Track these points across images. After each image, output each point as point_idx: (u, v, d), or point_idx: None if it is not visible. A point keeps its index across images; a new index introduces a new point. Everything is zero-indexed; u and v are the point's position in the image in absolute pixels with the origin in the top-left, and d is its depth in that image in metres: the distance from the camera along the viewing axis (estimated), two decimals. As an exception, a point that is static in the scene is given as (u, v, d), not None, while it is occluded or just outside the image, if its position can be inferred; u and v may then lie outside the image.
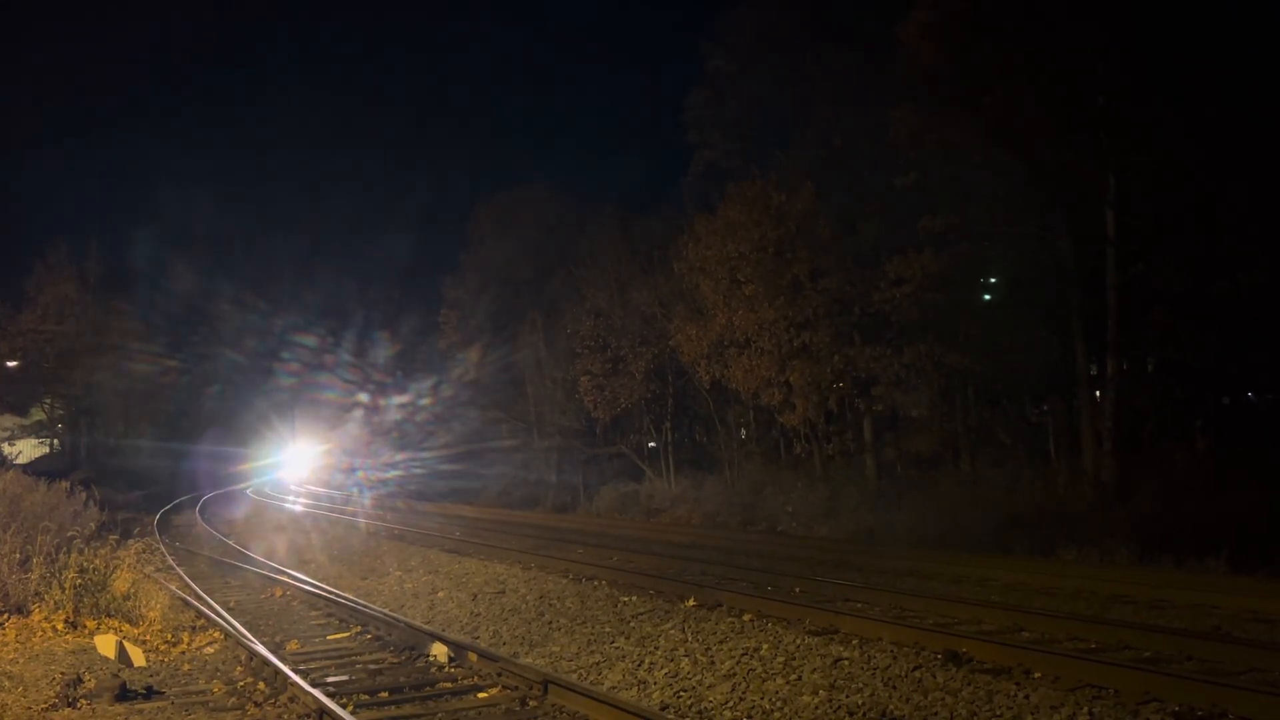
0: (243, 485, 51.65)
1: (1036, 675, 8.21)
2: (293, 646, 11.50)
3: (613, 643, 10.78)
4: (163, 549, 21.59)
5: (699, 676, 9.16)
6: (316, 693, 8.38)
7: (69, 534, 14.02)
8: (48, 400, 55.42)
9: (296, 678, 8.98)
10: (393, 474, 44.47)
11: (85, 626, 11.86)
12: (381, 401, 46.20)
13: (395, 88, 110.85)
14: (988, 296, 24.05)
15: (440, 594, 15.17)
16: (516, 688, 8.82)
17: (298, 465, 56.23)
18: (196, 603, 14.03)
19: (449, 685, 9.27)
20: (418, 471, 43.18)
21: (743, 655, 9.54)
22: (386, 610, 13.06)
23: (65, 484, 18.63)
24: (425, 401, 42.12)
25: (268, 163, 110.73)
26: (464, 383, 40.77)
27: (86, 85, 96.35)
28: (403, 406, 44.13)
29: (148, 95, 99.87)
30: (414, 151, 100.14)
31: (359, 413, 47.99)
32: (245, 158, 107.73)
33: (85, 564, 12.66)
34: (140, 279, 53.71)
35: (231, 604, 14.62)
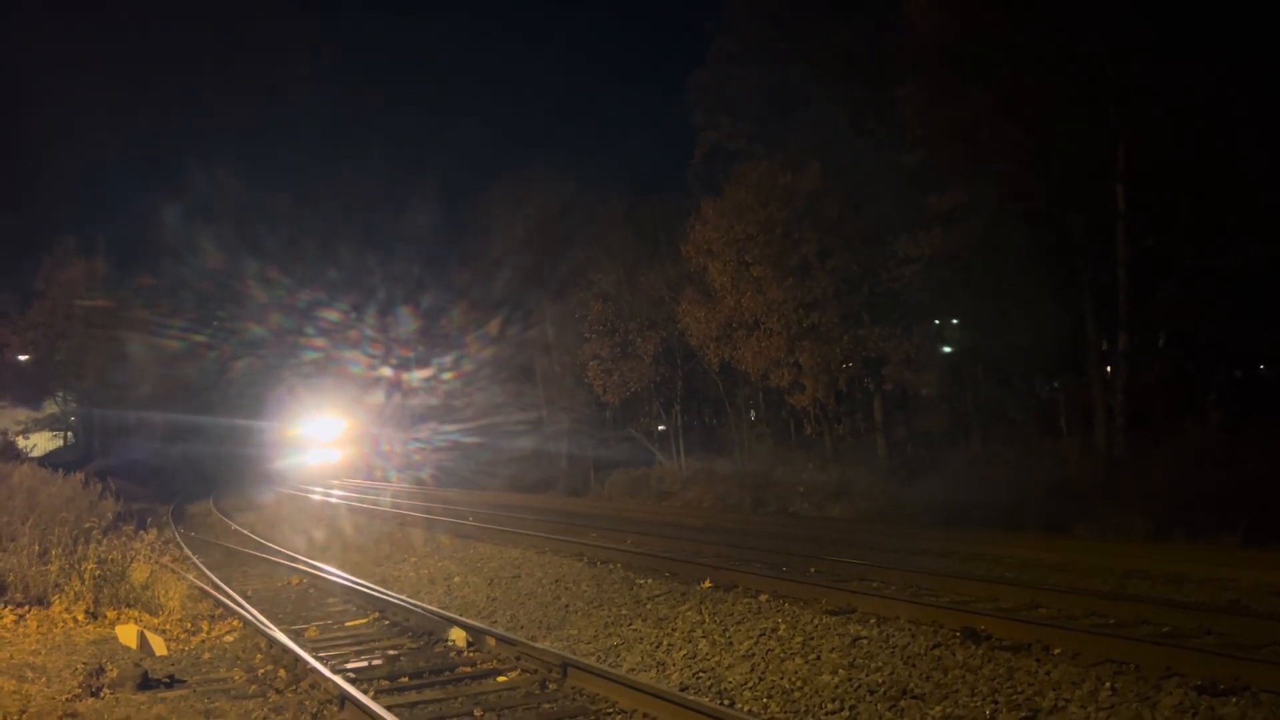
0: (259, 468, 51.60)
1: (1056, 651, 8.21)
2: (311, 633, 11.57)
3: (630, 625, 10.81)
4: (178, 539, 21.71)
5: (717, 657, 9.19)
6: (337, 679, 8.43)
7: (86, 525, 14.13)
8: (60, 393, 55.62)
9: (317, 664, 9.04)
10: (414, 446, 44.70)
11: (105, 617, 11.96)
12: (405, 375, 46.29)
13: (412, 69, 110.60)
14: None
15: (456, 579, 15.23)
16: (536, 671, 8.85)
17: (319, 442, 56.01)
18: (214, 592, 14.11)
19: (468, 669, 9.32)
20: (434, 453, 43.37)
21: (760, 636, 9.56)
22: (404, 596, 13.12)
23: (80, 476, 18.73)
24: (448, 376, 42.24)
25: (289, 141, 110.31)
26: (475, 368, 40.85)
27: (105, 61, 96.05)
28: (424, 382, 44.28)
29: (170, 73, 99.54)
30: (431, 132, 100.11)
31: (381, 389, 48.09)
32: (267, 136, 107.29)
33: (103, 555, 12.78)
34: (165, 254, 53.71)
35: (249, 592, 14.71)
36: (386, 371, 46.96)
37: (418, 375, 44.90)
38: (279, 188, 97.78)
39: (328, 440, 55.19)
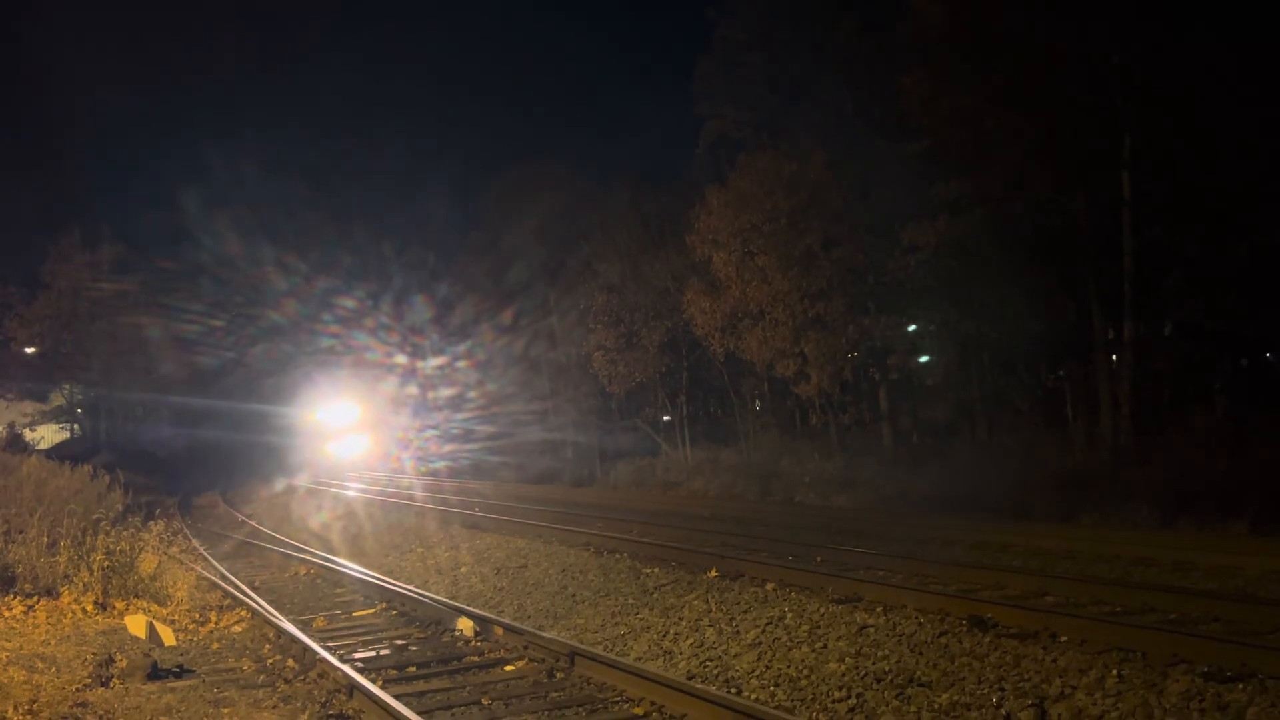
0: (270, 458, 51.49)
1: (1063, 639, 8.22)
2: (319, 624, 11.62)
3: (637, 614, 10.83)
4: (186, 530, 21.79)
5: (724, 646, 9.21)
6: (346, 668, 8.47)
7: (94, 516, 14.14)
8: (66, 385, 55.75)
9: (325, 654, 9.07)
10: (426, 435, 44.80)
11: (114, 607, 12.00)
12: (419, 363, 46.32)
13: (425, 63, 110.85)
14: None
15: (463, 569, 15.26)
16: (543, 660, 8.88)
17: (332, 430, 55.85)
18: (222, 583, 14.17)
19: (476, 659, 9.35)
20: (444, 442, 43.46)
21: (767, 624, 9.57)
22: (411, 586, 13.16)
23: (88, 468, 18.79)
24: (461, 365, 42.36)
25: (306, 129, 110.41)
26: (487, 357, 40.95)
27: (120, 48, 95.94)
28: (437, 371, 44.33)
29: (187, 60, 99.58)
30: (443, 123, 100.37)
31: (395, 377, 48.11)
32: (284, 124, 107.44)
33: (112, 546, 12.77)
34: (182, 239, 53.95)
35: (257, 583, 14.76)
36: (401, 359, 46.93)
37: (432, 363, 44.97)
38: (296, 175, 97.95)
39: (341, 428, 55.08)
